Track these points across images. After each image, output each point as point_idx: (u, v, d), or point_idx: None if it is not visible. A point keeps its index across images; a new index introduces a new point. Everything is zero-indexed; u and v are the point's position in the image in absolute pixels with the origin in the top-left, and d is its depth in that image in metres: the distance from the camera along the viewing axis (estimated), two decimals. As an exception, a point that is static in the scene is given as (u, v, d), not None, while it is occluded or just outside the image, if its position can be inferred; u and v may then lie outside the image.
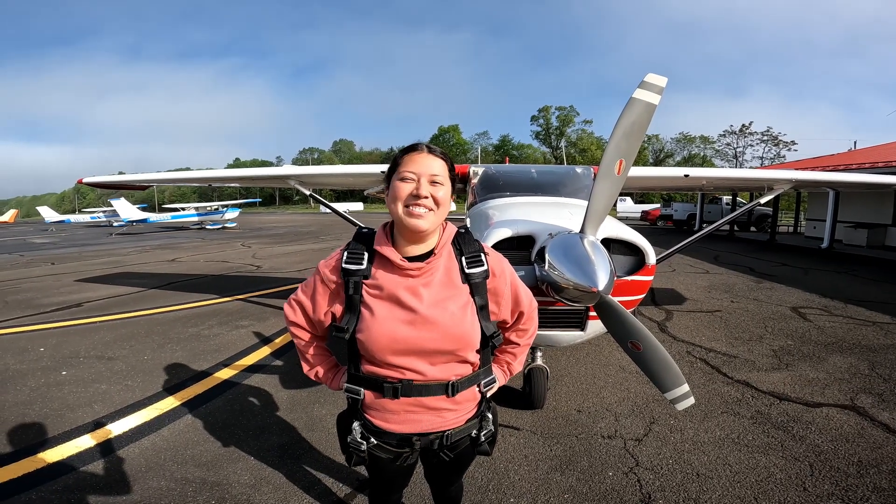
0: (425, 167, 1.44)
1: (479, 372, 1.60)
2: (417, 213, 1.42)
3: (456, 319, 1.48)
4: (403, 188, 1.43)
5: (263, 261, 13.56)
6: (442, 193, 1.46)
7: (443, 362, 1.51)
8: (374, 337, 1.45)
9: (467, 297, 1.52)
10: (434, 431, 1.57)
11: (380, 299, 1.48)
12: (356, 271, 1.49)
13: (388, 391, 1.50)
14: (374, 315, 1.46)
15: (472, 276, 1.53)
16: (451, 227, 1.58)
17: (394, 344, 1.45)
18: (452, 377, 1.53)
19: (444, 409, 1.55)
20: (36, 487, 2.82)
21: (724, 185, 12.12)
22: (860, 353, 5.21)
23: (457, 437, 1.60)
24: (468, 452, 1.71)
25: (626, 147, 2.69)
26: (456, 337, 1.48)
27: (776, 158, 58.22)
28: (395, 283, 1.48)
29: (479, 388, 1.62)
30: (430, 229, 1.46)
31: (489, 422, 1.67)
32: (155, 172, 26.11)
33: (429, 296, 1.47)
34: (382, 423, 1.56)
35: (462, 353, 1.52)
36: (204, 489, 2.83)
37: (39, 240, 24.45)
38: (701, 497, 2.75)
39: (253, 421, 3.67)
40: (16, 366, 4.85)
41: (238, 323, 6.51)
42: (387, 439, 1.57)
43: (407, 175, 1.44)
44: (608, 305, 2.65)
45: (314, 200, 7.25)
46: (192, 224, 30.14)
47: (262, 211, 76.63)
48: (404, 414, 1.54)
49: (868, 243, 15.90)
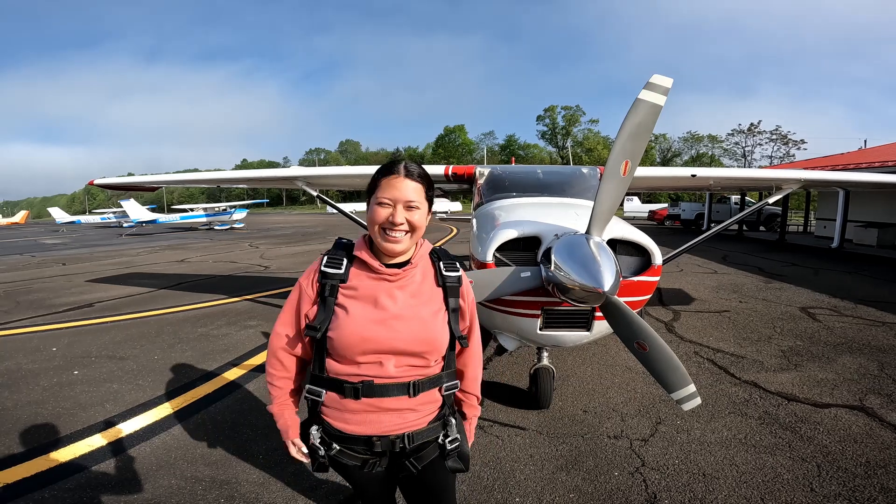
0: (402, 192, 1.47)
1: (442, 374, 1.60)
2: (393, 238, 1.48)
3: (427, 323, 1.52)
4: (380, 213, 1.47)
5: (271, 261, 13.64)
6: (417, 217, 1.49)
7: (408, 364, 1.52)
8: (345, 334, 1.47)
9: (441, 301, 1.57)
10: (395, 433, 1.55)
11: (354, 299, 1.51)
12: (334, 275, 1.53)
13: (350, 391, 1.50)
14: (348, 314, 1.48)
15: (448, 279, 1.59)
16: (428, 244, 1.63)
17: (363, 343, 1.47)
18: (414, 377, 1.53)
19: (406, 410, 1.54)
20: (49, 486, 2.87)
21: (731, 185, 12.04)
22: (870, 353, 5.17)
23: (419, 441, 1.57)
24: (439, 468, 1.64)
25: (631, 148, 2.69)
26: (425, 339, 1.51)
27: (785, 157, 57.75)
28: (371, 285, 1.52)
29: (441, 391, 1.61)
30: (404, 251, 1.53)
31: (453, 428, 1.64)
32: (164, 174, 26.32)
33: (403, 298, 1.51)
34: (343, 424, 1.54)
35: (429, 355, 1.54)
36: (213, 487, 2.86)
37: (50, 240, 24.74)
38: (707, 497, 2.75)
39: (261, 420, 3.70)
40: (28, 365, 4.93)
41: (246, 323, 6.57)
42: (348, 444, 1.56)
43: (384, 200, 1.47)
44: (614, 306, 2.66)
45: (321, 201, 7.29)
46: (201, 224, 30.37)
47: (270, 211, 77.06)
48: (364, 414, 1.52)
49: (878, 243, 15.72)
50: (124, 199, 30.50)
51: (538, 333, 3.26)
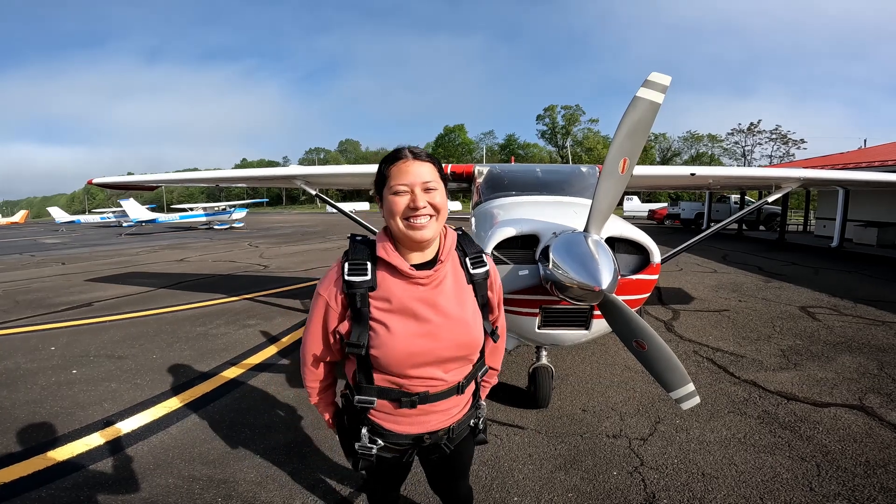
0: (416, 175, 1.39)
1: (477, 365, 1.64)
2: (419, 225, 1.40)
3: (469, 327, 1.51)
4: (399, 202, 1.39)
5: (270, 260, 13.63)
6: (439, 198, 1.43)
7: (455, 367, 1.54)
8: (391, 353, 1.43)
9: (472, 299, 1.55)
10: (442, 428, 1.60)
11: (392, 313, 1.43)
12: (361, 283, 1.43)
13: (406, 403, 1.50)
14: (389, 331, 1.42)
15: (475, 276, 1.56)
16: (452, 232, 1.57)
17: (411, 358, 1.44)
18: (462, 378, 1.57)
19: (452, 407, 1.60)
20: (46, 485, 2.86)
21: (731, 184, 12.03)
22: (869, 352, 5.16)
23: (460, 429, 1.65)
24: (468, 444, 1.75)
25: (629, 146, 2.68)
26: (468, 343, 1.52)
27: (785, 157, 57.77)
28: (405, 294, 1.44)
29: (477, 380, 1.68)
30: (433, 237, 1.45)
31: (483, 409, 1.73)
32: (164, 173, 26.29)
33: (444, 305, 1.47)
34: (393, 426, 1.56)
35: (472, 356, 1.56)
36: (211, 487, 2.85)
37: (50, 240, 24.73)
38: (706, 497, 2.74)
39: (259, 419, 3.70)
40: (27, 364, 4.92)
41: (245, 322, 6.56)
42: (395, 440, 1.57)
43: (399, 188, 1.39)
44: (612, 304, 2.64)
45: (320, 200, 7.28)
46: (201, 224, 30.35)
47: (269, 211, 77.03)
48: (416, 417, 1.55)
49: (878, 242, 15.71)
50: (124, 199, 30.47)
51: (537, 332, 3.25)
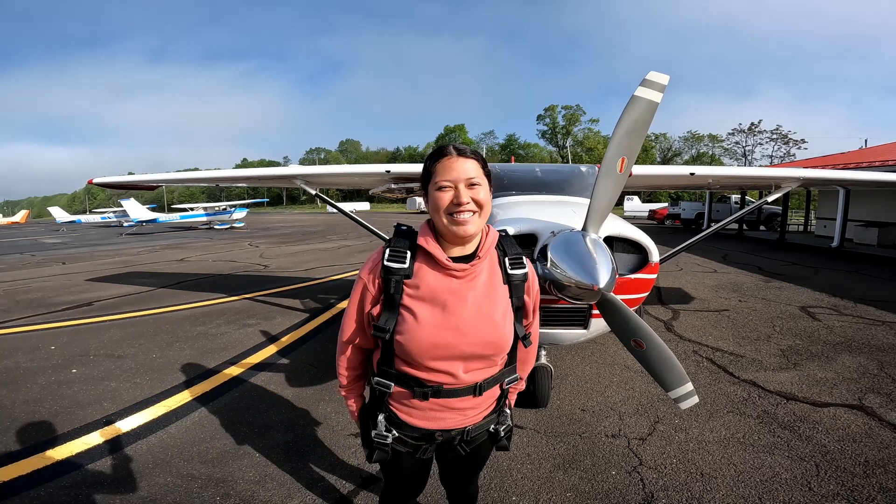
0: (460, 172, 1.42)
1: (504, 370, 1.62)
2: (462, 220, 1.42)
3: (496, 326, 1.49)
4: (443, 198, 1.42)
5: (271, 260, 13.64)
6: (483, 195, 1.45)
7: (477, 367, 1.53)
8: (415, 341, 1.44)
9: (507, 299, 1.54)
10: (456, 428, 1.59)
11: (422, 301, 1.45)
12: (398, 270, 1.46)
13: (419, 394, 1.51)
14: (416, 319, 1.44)
15: (513, 277, 1.55)
16: (494, 231, 1.58)
17: (435, 349, 1.45)
18: (481, 379, 1.55)
19: (468, 408, 1.58)
20: (45, 484, 2.86)
21: (730, 184, 12.01)
22: (869, 352, 5.16)
23: (476, 433, 1.63)
24: (486, 448, 1.74)
25: (628, 145, 2.68)
26: (494, 342, 1.50)
27: (786, 157, 57.69)
28: (438, 283, 1.46)
29: (502, 386, 1.64)
30: (476, 233, 1.47)
31: (507, 417, 1.70)
32: (165, 173, 26.31)
33: (473, 300, 1.47)
34: (407, 417, 1.57)
35: (496, 357, 1.54)
36: (209, 485, 2.86)
37: (51, 240, 24.75)
38: (704, 496, 2.74)
39: (258, 418, 3.70)
40: (27, 364, 4.92)
41: (245, 322, 6.56)
42: (408, 432, 1.59)
43: (444, 184, 1.42)
44: (610, 303, 2.64)
45: (321, 200, 7.28)
46: (201, 224, 30.38)
47: (270, 211, 77.11)
48: (429, 412, 1.55)
49: (879, 242, 15.69)
50: (124, 199, 30.49)
51: (535, 331, 3.25)
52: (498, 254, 1.57)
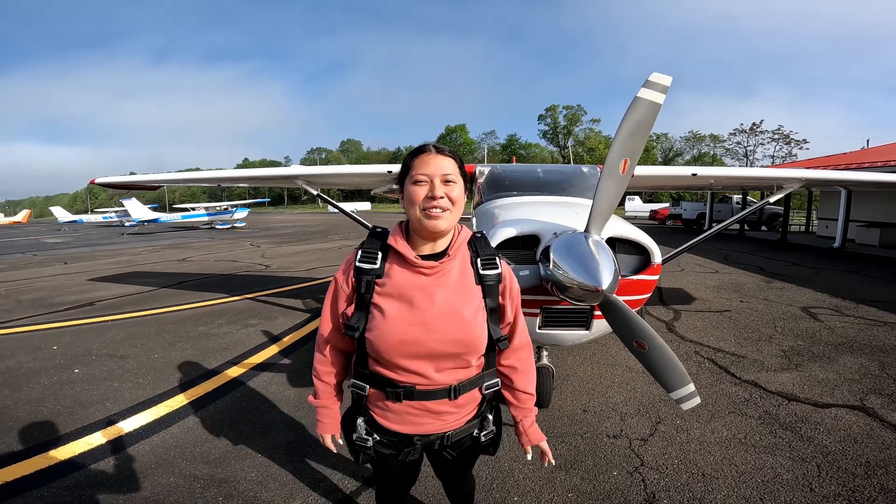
0: (437, 168, 1.45)
1: (483, 374, 1.60)
2: (435, 214, 1.44)
3: (466, 323, 1.47)
4: (418, 192, 1.44)
5: (272, 260, 13.65)
6: (456, 192, 1.47)
7: (449, 367, 1.51)
8: (383, 337, 1.45)
9: (480, 299, 1.52)
10: (434, 433, 1.58)
11: (391, 298, 1.47)
12: (369, 270, 1.49)
13: (392, 395, 1.51)
14: (384, 315, 1.45)
15: (486, 278, 1.54)
16: (466, 230, 1.59)
17: (402, 346, 1.45)
18: (455, 381, 1.53)
19: (446, 413, 1.56)
20: (48, 484, 2.87)
21: (732, 184, 12.01)
22: (871, 353, 5.16)
23: (457, 438, 1.62)
24: (471, 450, 1.73)
25: (630, 146, 2.68)
26: (465, 341, 1.48)
27: (788, 157, 57.55)
28: (407, 281, 1.47)
29: (481, 391, 1.62)
30: (447, 229, 1.48)
31: (489, 422, 1.68)
32: (166, 173, 26.34)
33: (441, 297, 1.47)
34: (384, 420, 1.58)
35: (468, 357, 1.52)
36: (212, 486, 2.86)
37: (52, 239, 24.79)
38: (706, 497, 2.74)
39: (260, 419, 3.71)
40: (29, 364, 4.94)
41: (247, 322, 6.57)
42: (387, 436, 1.60)
43: (420, 178, 1.45)
44: (613, 305, 2.64)
45: (322, 200, 7.29)
46: (202, 224, 30.42)
47: (271, 211, 77.12)
48: (405, 415, 1.55)
49: (881, 243, 15.67)
50: (126, 199, 30.52)
51: (537, 332, 3.25)
52: (470, 254, 1.57)
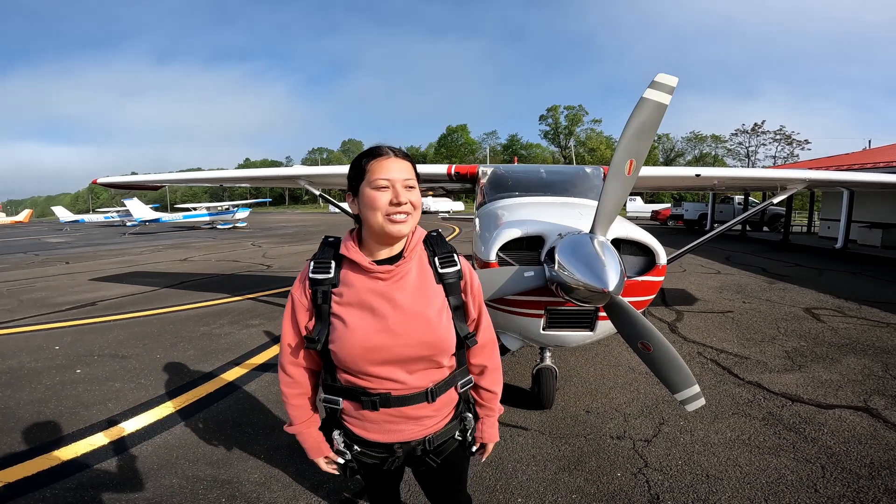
0: (398, 173, 1.41)
1: (456, 373, 1.57)
2: (400, 220, 1.40)
3: (431, 324, 1.45)
4: (380, 197, 1.39)
5: (273, 260, 13.65)
6: (415, 197, 1.44)
7: (420, 369, 1.48)
8: (347, 347, 1.41)
9: (442, 299, 1.50)
10: (415, 439, 1.54)
11: (350, 307, 1.43)
12: (324, 280, 1.46)
13: (367, 404, 1.47)
14: (346, 325, 1.42)
15: (445, 276, 1.51)
16: (420, 230, 1.55)
17: (368, 354, 1.41)
18: (430, 383, 1.50)
19: (425, 417, 1.53)
20: (50, 485, 2.86)
21: (735, 185, 11.98)
22: (874, 354, 5.14)
23: (439, 441, 1.58)
24: (459, 458, 1.68)
25: (636, 147, 2.67)
26: (432, 342, 1.45)
27: (789, 158, 57.55)
28: (364, 288, 1.44)
29: (457, 390, 1.60)
30: (409, 232, 1.46)
31: (471, 421, 1.65)
32: (168, 173, 26.36)
33: (402, 300, 1.43)
34: (362, 432, 1.53)
35: (439, 357, 1.49)
36: (214, 487, 2.86)
37: (54, 239, 24.84)
38: (710, 498, 2.73)
39: (263, 419, 3.70)
40: (31, 364, 4.94)
41: (248, 322, 6.57)
42: (369, 447, 1.55)
43: (380, 183, 1.39)
44: (618, 306, 2.64)
45: (323, 200, 7.29)
46: (204, 224, 30.46)
47: (272, 210, 77.16)
48: (384, 424, 1.51)
49: (883, 243, 15.65)
50: (128, 198, 30.55)
51: (541, 333, 3.25)
52: (427, 253, 1.54)
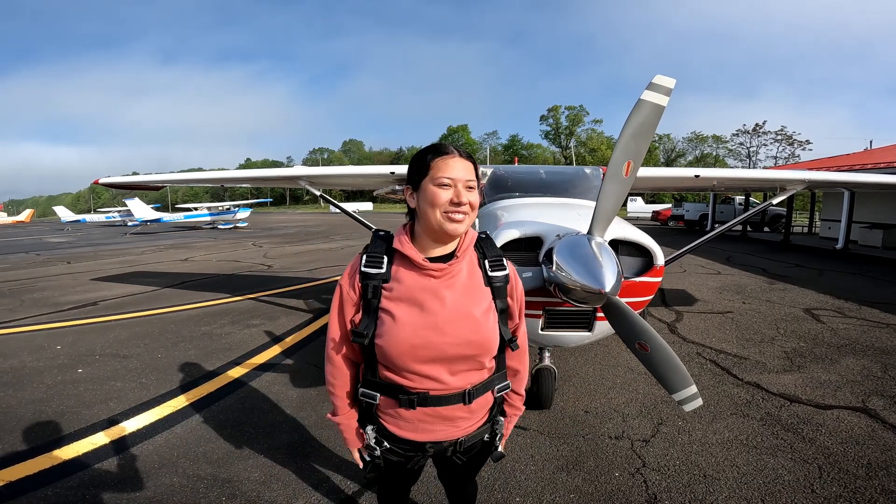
0: (461, 173, 1.42)
1: (494, 377, 1.59)
2: (458, 220, 1.42)
3: (479, 324, 1.46)
4: (441, 195, 1.41)
5: (274, 260, 13.67)
6: (474, 198, 1.45)
7: (463, 370, 1.49)
8: (394, 343, 1.42)
9: (490, 301, 1.51)
10: (447, 440, 1.55)
11: (399, 302, 1.44)
12: (375, 275, 1.46)
13: (405, 402, 1.48)
14: (394, 320, 1.42)
15: (494, 280, 1.53)
16: (472, 232, 1.57)
17: (415, 350, 1.42)
18: (468, 385, 1.51)
19: (459, 418, 1.54)
20: (52, 484, 2.88)
21: (735, 186, 12.00)
22: (873, 355, 5.15)
23: (469, 444, 1.60)
24: (482, 454, 1.71)
25: (634, 148, 2.68)
26: (478, 342, 1.46)
27: (790, 158, 57.51)
28: (416, 284, 1.45)
29: (493, 393, 1.61)
30: (465, 232, 1.48)
31: (501, 426, 1.67)
32: (169, 173, 26.41)
33: (452, 299, 1.44)
34: (395, 429, 1.54)
35: (482, 358, 1.50)
36: (215, 486, 2.87)
37: (55, 239, 24.86)
38: (707, 498, 2.74)
39: (263, 419, 3.72)
40: (33, 363, 4.96)
41: (249, 322, 6.59)
42: (399, 444, 1.56)
43: (444, 181, 1.41)
44: (615, 306, 2.65)
45: (324, 200, 7.31)
46: (205, 224, 30.49)
47: (273, 211, 77.21)
48: (418, 423, 1.52)
49: (883, 244, 15.63)
50: (129, 198, 30.59)
51: (540, 334, 3.26)
52: (477, 255, 1.55)
